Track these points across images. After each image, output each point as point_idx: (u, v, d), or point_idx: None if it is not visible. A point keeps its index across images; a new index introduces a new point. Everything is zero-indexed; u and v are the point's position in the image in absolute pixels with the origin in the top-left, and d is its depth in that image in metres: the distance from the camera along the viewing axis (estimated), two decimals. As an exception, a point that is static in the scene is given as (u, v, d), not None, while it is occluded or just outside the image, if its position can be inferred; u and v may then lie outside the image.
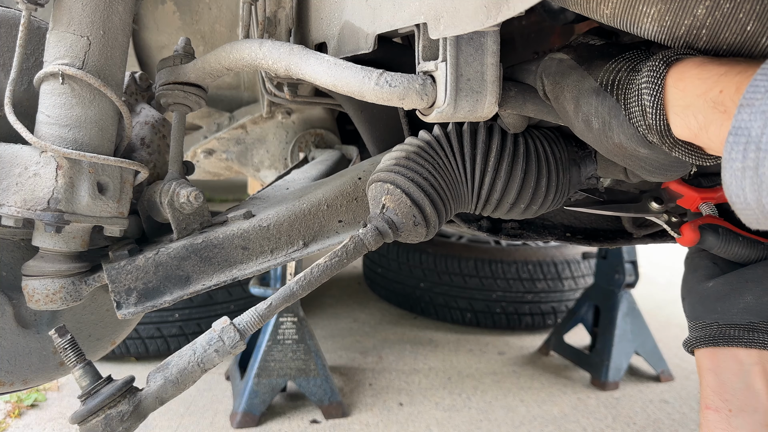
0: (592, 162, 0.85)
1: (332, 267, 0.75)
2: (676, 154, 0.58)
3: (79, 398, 0.72)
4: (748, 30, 0.52)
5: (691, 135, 0.54)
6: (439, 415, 2.58)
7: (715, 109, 0.50)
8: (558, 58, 0.71)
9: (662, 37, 0.57)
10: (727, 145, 0.44)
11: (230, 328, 0.74)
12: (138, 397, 0.72)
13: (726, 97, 0.49)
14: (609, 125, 0.62)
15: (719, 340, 0.76)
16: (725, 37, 0.54)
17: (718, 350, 0.77)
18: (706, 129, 0.51)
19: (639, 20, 0.56)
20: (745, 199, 0.43)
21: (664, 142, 0.57)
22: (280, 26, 1.13)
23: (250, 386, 2.43)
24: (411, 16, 0.67)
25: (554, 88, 0.70)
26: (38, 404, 2.58)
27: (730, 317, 0.76)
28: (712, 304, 0.78)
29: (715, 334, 0.77)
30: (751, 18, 0.51)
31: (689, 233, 0.85)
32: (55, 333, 0.74)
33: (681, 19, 0.54)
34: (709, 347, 0.77)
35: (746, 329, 0.74)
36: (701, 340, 0.78)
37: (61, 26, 0.83)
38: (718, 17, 0.52)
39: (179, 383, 0.73)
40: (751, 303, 0.75)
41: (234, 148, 2.17)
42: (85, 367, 0.73)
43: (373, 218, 0.78)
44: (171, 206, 0.93)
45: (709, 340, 0.77)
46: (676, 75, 0.55)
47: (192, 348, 0.74)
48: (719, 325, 0.77)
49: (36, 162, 0.83)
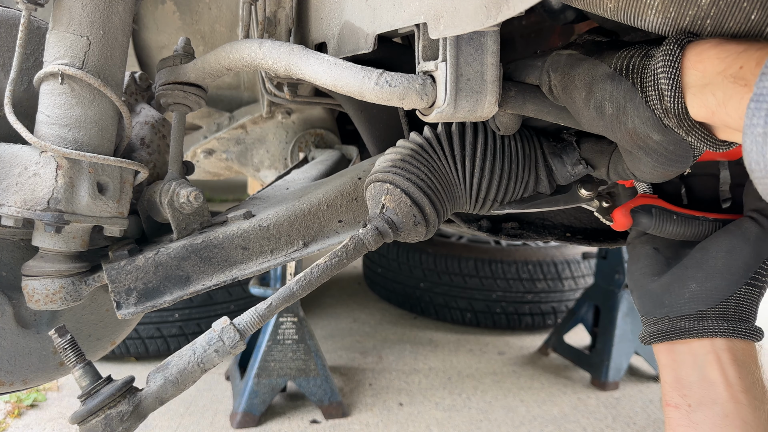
0: (573, 149, 0.84)
1: (332, 267, 0.75)
2: (691, 138, 0.58)
3: (79, 398, 0.72)
4: (752, 19, 0.52)
5: (708, 114, 0.53)
6: (439, 415, 2.58)
7: (735, 84, 0.50)
8: (567, 53, 0.71)
9: (666, 29, 0.57)
10: (749, 112, 0.43)
11: (230, 328, 0.74)
12: (138, 397, 0.72)
13: (746, 71, 0.49)
14: (624, 109, 0.62)
15: (671, 334, 0.74)
16: (729, 27, 0.54)
17: (672, 345, 0.75)
18: (725, 105, 0.51)
19: (643, 12, 0.56)
20: (766, 165, 0.42)
21: (681, 124, 0.57)
22: (280, 26, 1.13)
23: (250, 386, 2.43)
24: (411, 16, 0.67)
25: (563, 79, 0.69)
26: (38, 404, 2.58)
27: (679, 309, 0.74)
28: (659, 298, 0.76)
29: (667, 328, 0.75)
30: (755, 7, 0.51)
31: (621, 218, 0.82)
32: (55, 333, 0.74)
33: (685, 10, 0.54)
34: (664, 342, 0.76)
35: (696, 319, 0.73)
36: (654, 335, 0.77)
37: (60, 26, 0.83)
38: (723, 7, 0.52)
39: (179, 383, 0.73)
40: (696, 291, 0.73)
41: (234, 148, 2.17)
42: (85, 367, 0.73)
43: (372, 218, 0.78)
44: (171, 206, 0.93)
45: (662, 335, 0.75)
46: (693, 56, 0.54)
47: (192, 348, 0.74)
48: (669, 319, 0.75)
49: (36, 162, 0.83)
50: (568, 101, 0.70)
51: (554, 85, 0.71)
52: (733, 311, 0.72)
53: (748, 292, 0.72)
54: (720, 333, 0.71)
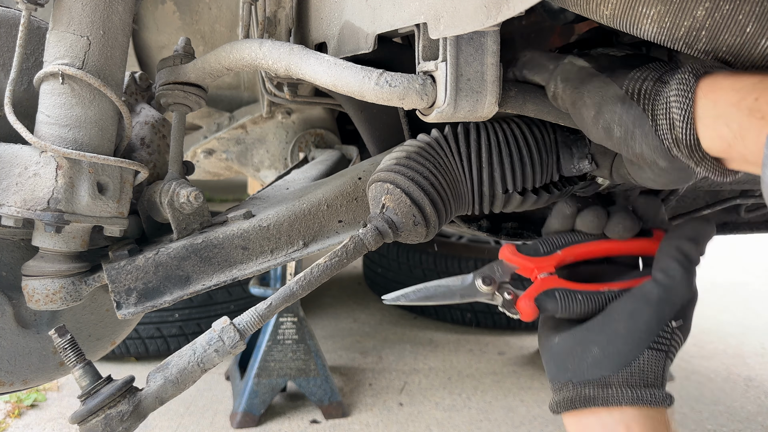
0: (584, 144, 0.84)
1: (332, 267, 0.75)
2: (700, 168, 0.56)
3: (79, 398, 0.71)
4: (747, 31, 0.52)
5: (724, 146, 0.52)
6: (439, 415, 2.58)
7: (751, 117, 0.49)
8: (579, 65, 0.69)
9: (662, 39, 0.57)
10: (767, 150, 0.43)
11: (230, 328, 0.73)
12: (138, 397, 0.71)
13: (763, 103, 0.48)
14: (632, 134, 0.60)
15: (576, 403, 0.70)
16: (725, 39, 0.54)
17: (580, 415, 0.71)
18: (743, 138, 0.50)
19: (639, 21, 0.56)
20: None
21: (692, 156, 0.56)
22: (280, 26, 1.13)
23: (250, 386, 2.43)
24: (411, 15, 0.67)
25: (572, 93, 0.68)
26: (38, 404, 2.58)
27: (582, 374, 0.70)
28: (563, 362, 0.73)
29: (572, 396, 0.71)
30: (750, 19, 0.51)
31: (526, 308, 0.76)
32: (55, 333, 0.73)
33: (680, 21, 0.54)
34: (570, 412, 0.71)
35: (599, 385, 0.69)
36: (560, 404, 0.72)
37: (61, 26, 0.83)
38: (718, 19, 0.52)
39: (179, 383, 0.72)
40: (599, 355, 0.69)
41: (234, 148, 2.17)
42: (85, 367, 0.72)
43: (372, 218, 0.78)
44: (171, 206, 0.93)
45: (568, 404, 0.71)
46: (706, 87, 0.54)
47: (192, 348, 0.73)
48: (573, 385, 0.71)
49: (36, 162, 0.83)
50: (576, 116, 0.69)
51: (561, 96, 0.70)
52: (638, 377, 0.69)
53: (652, 357, 0.69)
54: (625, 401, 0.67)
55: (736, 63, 0.56)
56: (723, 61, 0.57)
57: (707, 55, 0.57)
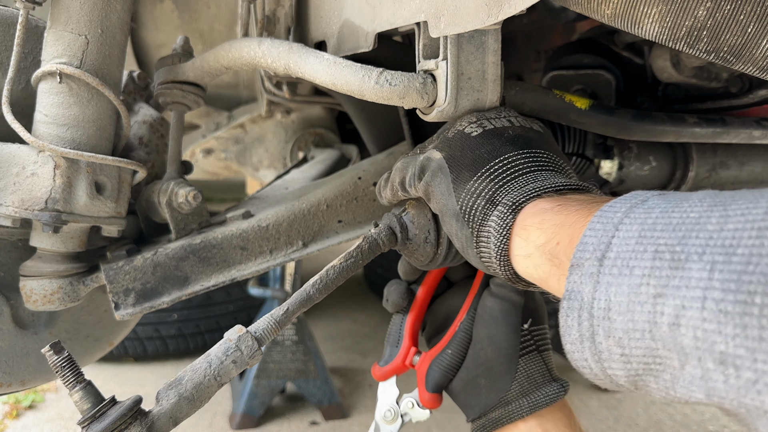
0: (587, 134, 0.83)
1: (348, 268, 0.73)
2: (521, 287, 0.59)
3: (80, 424, 0.61)
4: (749, 32, 0.52)
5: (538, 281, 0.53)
6: (439, 415, 2.57)
7: (551, 263, 0.48)
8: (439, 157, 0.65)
9: (663, 38, 0.56)
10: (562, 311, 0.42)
11: (247, 336, 0.67)
12: (150, 418, 0.63)
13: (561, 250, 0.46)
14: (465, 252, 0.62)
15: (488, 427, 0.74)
16: (726, 39, 0.53)
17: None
18: (547, 282, 0.50)
19: (640, 21, 0.56)
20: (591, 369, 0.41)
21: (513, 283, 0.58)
22: (279, 24, 1.13)
23: (249, 388, 2.42)
24: (411, 14, 0.67)
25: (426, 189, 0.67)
26: (36, 405, 2.57)
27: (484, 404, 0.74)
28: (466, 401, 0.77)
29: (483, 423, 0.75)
30: (751, 20, 0.51)
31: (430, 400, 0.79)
32: (50, 350, 0.64)
33: (682, 21, 0.54)
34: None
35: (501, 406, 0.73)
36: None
37: (58, 25, 0.82)
38: (719, 19, 0.52)
39: (195, 400, 0.65)
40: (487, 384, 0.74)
41: (233, 147, 2.16)
42: (86, 388, 0.63)
43: (387, 217, 0.77)
44: (169, 206, 0.93)
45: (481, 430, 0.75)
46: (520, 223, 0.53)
47: (207, 360, 0.67)
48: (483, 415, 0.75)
49: (34, 161, 0.82)
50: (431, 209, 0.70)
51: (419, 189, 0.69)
52: (527, 383, 0.73)
53: (528, 360, 0.74)
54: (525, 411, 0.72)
55: (738, 62, 0.56)
56: (724, 60, 0.56)
57: (709, 55, 0.56)
